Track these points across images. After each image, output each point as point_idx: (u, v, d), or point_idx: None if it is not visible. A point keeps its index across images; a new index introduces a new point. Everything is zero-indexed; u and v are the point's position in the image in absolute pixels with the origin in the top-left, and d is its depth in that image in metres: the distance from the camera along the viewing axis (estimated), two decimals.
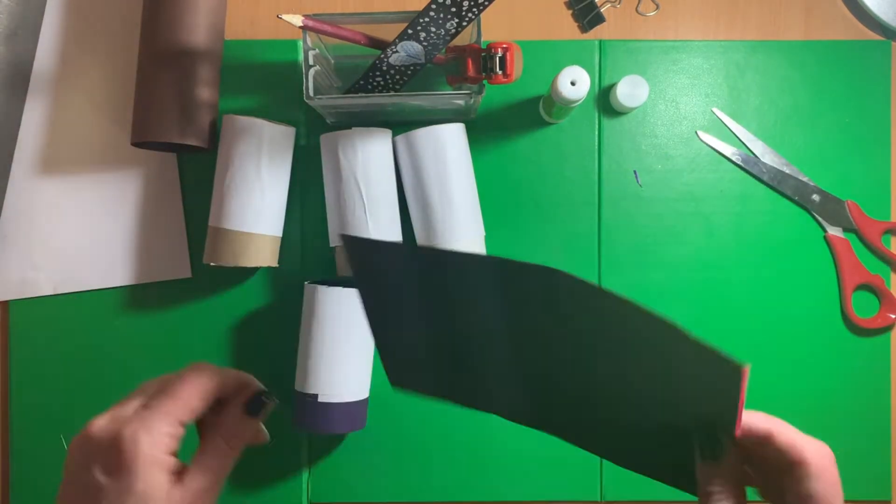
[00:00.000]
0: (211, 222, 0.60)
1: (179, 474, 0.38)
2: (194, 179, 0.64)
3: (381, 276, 0.40)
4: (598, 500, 0.65)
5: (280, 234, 0.62)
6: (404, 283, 0.39)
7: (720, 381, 0.34)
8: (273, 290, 0.64)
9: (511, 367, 0.38)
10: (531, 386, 0.39)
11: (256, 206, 0.59)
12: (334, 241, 0.61)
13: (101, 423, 0.39)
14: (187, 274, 0.64)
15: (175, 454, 0.38)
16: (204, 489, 0.38)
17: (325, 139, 0.60)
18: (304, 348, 0.59)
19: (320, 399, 0.57)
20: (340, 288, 0.57)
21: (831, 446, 0.66)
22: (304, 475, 0.64)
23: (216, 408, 0.41)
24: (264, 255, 0.60)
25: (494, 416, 0.64)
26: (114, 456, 0.37)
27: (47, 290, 0.64)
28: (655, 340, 0.34)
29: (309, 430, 0.59)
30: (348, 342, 0.58)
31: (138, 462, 0.36)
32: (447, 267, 0.37)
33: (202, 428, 0.41)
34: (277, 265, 0.62)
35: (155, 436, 0.37)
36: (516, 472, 0.64)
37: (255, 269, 0.64)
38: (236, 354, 0.64)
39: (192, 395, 0.39)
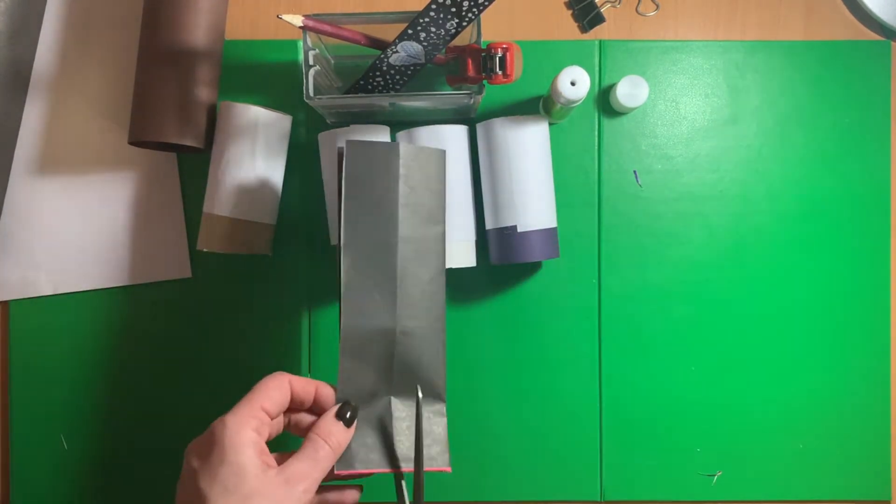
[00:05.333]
0: (205, 209, 0.60)
1: (279, 463, 0.44)
2: (194, 179, 0.64)
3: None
4: (598, 500, 0.65)
5: (274, 222, 0.62)
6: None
7: None
8: (273, 288, 0.64)
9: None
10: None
11: (251, 194, 0.59)
12: (335, 239, 0.61)
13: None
14: (187, 274, 0.64)
15: (264, 440, 0.44)
16: (300, 475, 0.43)
17: (322, 137, 0.60)
18: (494, 184, 0.60)
19: (520, 230, 0.58)
20: (526, 118, 0.59)
21: (831, 446, 0.66)
22: None
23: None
24: (258, 243, 0.60)
25: (496, 417, 0.64)
26: (206, 443, 0.43)
27: (47, 290, 0.64)
28: None
29: (509, 261, 0.60)
30: (537, 172, 0.59)
31: (226, 439, 0.42)
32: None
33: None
34: (271, 254, 0.62)
35: (239, 417, 0.43)
36: (516, 472, 0.64)
37: (252, 261, 0.64)
38: (238, 354, 0.65)
39: (269, 386, 0.46)
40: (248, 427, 0.43)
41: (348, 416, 0.47)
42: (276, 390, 0.46)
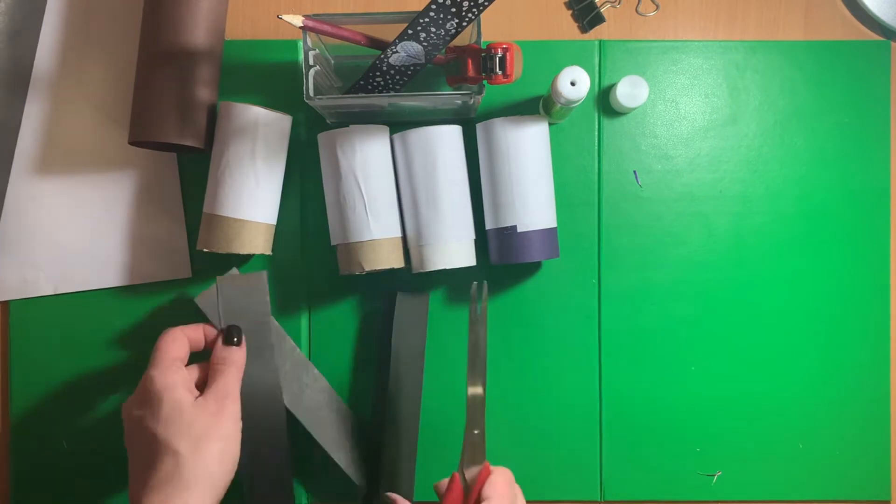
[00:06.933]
0: (205, 209, 0.60)
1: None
2: (194, 179, 0.64)
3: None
4: (598, 500, 0.65)
5: (274, 221, 0.62)
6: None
7: None
8: (273, 287, 0.64)
9: None
10: None
11: (250, 193, 0.59)
12: (335, 239, 0.61)
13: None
14: (187, 274, 0.64)
15: (188, 381, 0.53)
16: (222, 393, 0.52)
17: (322, 137, 0.60)
18: (494, 184, 0.60)
19: (520, 230, 0.58)
20: (526, 118, 0.59)
21: (831, 446, 0.66)
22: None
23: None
24: (257, 243, 0.60)
25: (495, 417, 0.64)
26: (142, 395, 0.52)
27: (47, 290, 0.64)
28: None
29: (509, 261, 0.60)
30: (537, 172, 0.59)
31: (158, 386, 0.51)
32: None
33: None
34: (271, 253, 0.62)
35: (162, 367, 0.52)
36: (516, 472, 0.64)
37: (252, 259, 0.64)
38: None
39: (169, 339, 0.55)
40: (171, 373, 0.52)
41: (235, 339, 0.57)
42: (175, 341, 0.55)
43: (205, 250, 0.59)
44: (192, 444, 0.49)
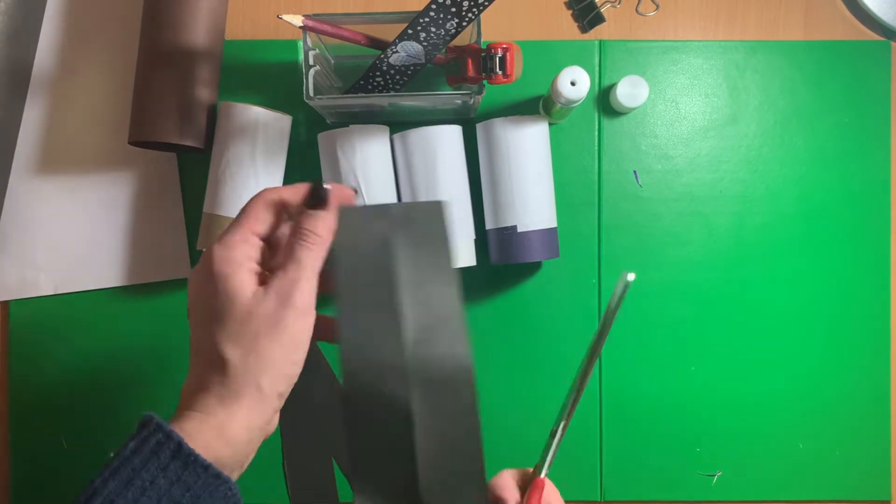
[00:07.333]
0: (205, 209, 0.60)
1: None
2: (194, 179, 0.64)
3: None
4: (598, 500, 0.65)
5: None
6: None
7: None
8: None
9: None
10: None
11: (251, 193, 0.59)
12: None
13: None
14: (187, 274, 0.64)
15: (256, 261, 0.41)
16: (288, 284, 0.39)
17: (322, 137, 0.60)
18: (494, 184, 0.60)
19: (520, 230, 0.58)
20: (526, 118, 0.59)
21: (831, 446, 0.66)
22: None
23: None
24: None
25: (495, 417, 0.64)
26: (202, 273, 0.41)
27: (47, 290, 0.64)
28: None
29: (509, 261, 0.60)
30: (537, 172, 0.59)
31: (215, 267, 0.40)
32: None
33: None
34: None
35: (227, 244, 0.41)
36: None
37: None
38: None
39: (256, 206, 0.41)
40: (236, 251, 0.41)
41: (321, 198, 0.41)
42: (264, 210, 0.42)
43: (205, 250, 0.59)
44: (243, 351, 0.39)
